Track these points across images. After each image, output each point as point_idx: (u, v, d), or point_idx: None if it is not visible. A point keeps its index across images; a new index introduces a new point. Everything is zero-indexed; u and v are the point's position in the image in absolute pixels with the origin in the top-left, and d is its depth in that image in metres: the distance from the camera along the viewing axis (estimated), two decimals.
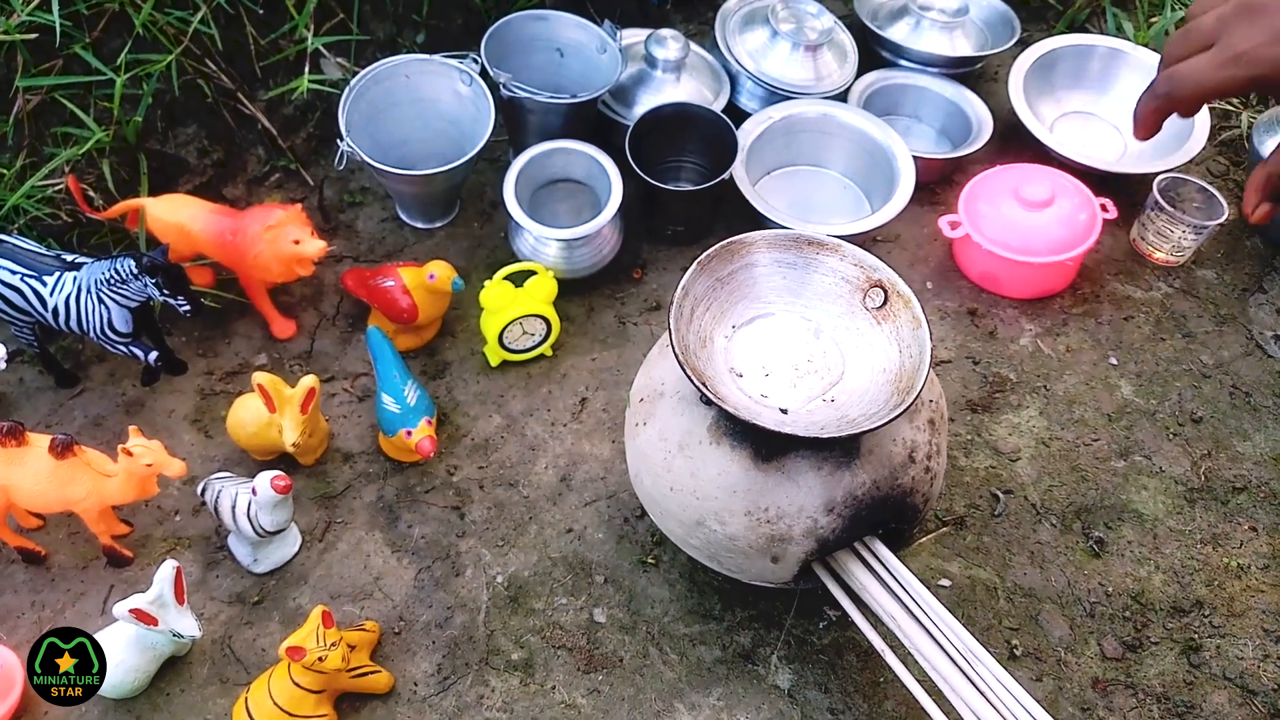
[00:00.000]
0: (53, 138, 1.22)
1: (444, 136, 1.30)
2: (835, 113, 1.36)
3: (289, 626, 0.98)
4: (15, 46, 1.16)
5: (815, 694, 0.94)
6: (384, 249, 1.32)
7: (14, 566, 1.03)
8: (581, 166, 1.27)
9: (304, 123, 1.39)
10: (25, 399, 1.16)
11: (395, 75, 1.27)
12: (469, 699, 0.94)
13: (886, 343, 0.84)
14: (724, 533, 0.83)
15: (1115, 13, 1.59)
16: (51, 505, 0.96)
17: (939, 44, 1.46)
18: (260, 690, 0.89)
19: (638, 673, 0.96)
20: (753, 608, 1.00)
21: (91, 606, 1.00)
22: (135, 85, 1.23)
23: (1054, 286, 1.29)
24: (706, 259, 0.85)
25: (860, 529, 0.83)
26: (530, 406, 1.16)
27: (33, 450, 0.94)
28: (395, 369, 1.08)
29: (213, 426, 1.14)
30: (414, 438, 1.05)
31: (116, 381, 1.18)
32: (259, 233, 1.11)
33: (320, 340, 1.23)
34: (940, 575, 1.02)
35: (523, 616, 0.99)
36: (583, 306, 1.26)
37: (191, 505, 1.07)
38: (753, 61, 1.38)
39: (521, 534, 1.05)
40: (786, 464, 0.81)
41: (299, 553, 1.04)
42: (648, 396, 0.89)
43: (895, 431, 0.83)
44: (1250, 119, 1.49)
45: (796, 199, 1.35)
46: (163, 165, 1.29)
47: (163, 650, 0.93)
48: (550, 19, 1.33)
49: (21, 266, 1.04)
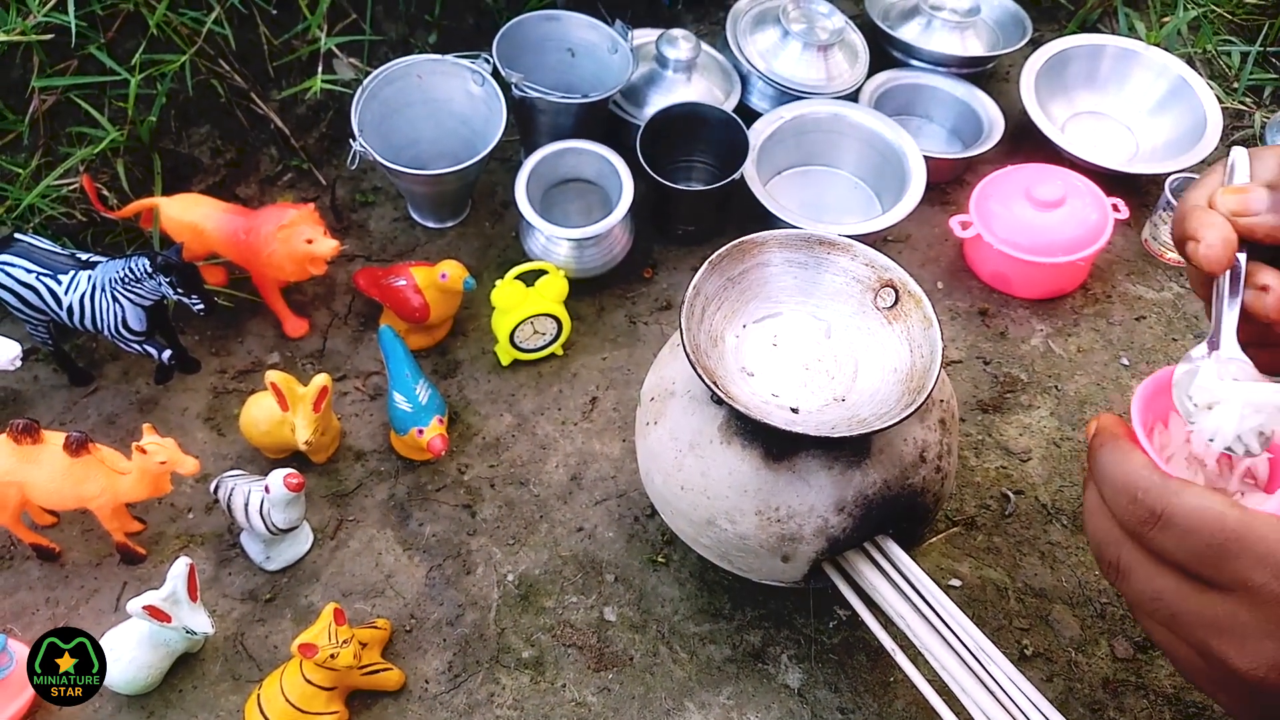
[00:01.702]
0: (68, 137, 1.23)
1: (456, 136, 1.30)
2: (846, 113, 1.36)
3: (301, 624, 0.98)
4: (32, 47, 1.17)
5: (825, 693, 0.94)
6: (396, 248, 1.32)
7: (29, 563, 1.04)
8: (593, 166, 1.28)
9: (317, 123, 1.40)
10: (40, 397, 1.17)
11: (408, 75, 1.27)
12: (480, 697, 0.94)
13: (898, 342, 0.84)
14: (734, 532, 0.83)
15: (1127, 12, 1.59)
16: (66, 502, 0.97)
17: (950, 44, 1.46)
18: (272, 687, 0.89)
19: (648, 671, 0.96)
20: (763, 607, 1.00)
21: (105, 603, 1.01)
22: (149, 85, 1.23)
23: (1065, 287, 1.28)
24: (718, 259, 0.85)
25: (871, 528, 0.83)
26: (541, 405, 1.17)
27: (47, 448, 0.95)
28: (407, 368, 1.09)
29: (226, 425, 1.14)
30: (425, 436, 1.05)
31: (130, 380, 1.18)
32: (272, 232, 1.12)
33: (332, 339, 1.23)
34: (951, 575, 1.02)
35: (533, 615, 1.00)
36: (593, 306, 1.26)
37: (204, 503, 1.08)
38: (764, 61, 1.38)
39: (532, 532, 1.06)
40: (797, 463, 0.81)
41: (311, 550, 1.04)
42: (658, 396, 0.89)
43: (906, 431, 0.83)
44: (1264, 118, 1.48)
45: (807, 199, 1.35)
46: (176, 165, 1.30)
47: (176, 647, 0.93)
48: (562, 19, 1.33)
49: (37, 265, 1.05)
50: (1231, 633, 0.50)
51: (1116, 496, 0.54)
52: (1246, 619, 0.49)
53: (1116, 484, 0.54)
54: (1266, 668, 0.49)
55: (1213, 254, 0.57)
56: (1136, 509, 0.52)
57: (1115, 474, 0.54)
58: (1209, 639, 0.50)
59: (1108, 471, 0.55)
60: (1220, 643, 0.50)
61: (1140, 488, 0.52)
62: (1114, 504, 0.54)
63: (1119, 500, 0.54)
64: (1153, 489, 0.52)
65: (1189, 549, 0.50)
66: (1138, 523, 0.52)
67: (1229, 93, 1.53)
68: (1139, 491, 0.52)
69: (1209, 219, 0.58)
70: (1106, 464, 0.55)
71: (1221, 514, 0.50)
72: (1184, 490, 0.51)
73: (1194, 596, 0.51)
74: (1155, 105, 1.46)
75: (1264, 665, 0.49)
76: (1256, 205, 0.57)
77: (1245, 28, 1.62)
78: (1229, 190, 0.58)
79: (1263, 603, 0.48)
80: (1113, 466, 0.55)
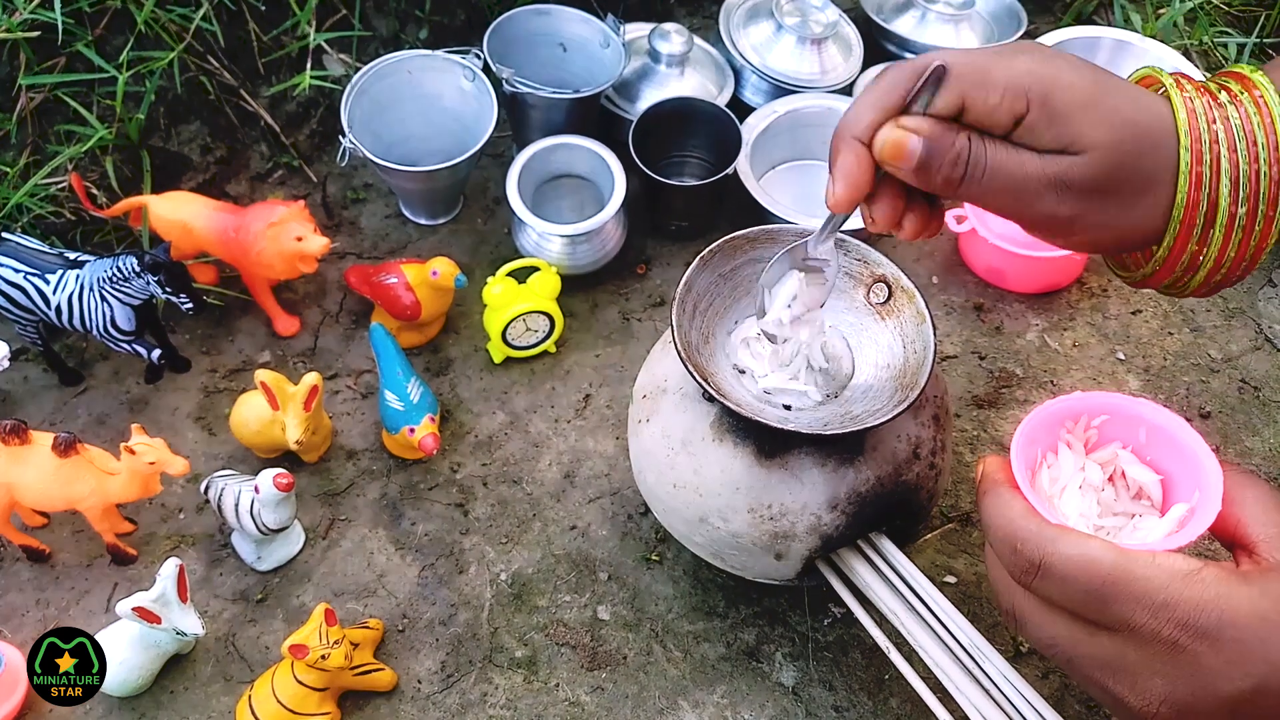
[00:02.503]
0: (56, 136, 1.22)
1: (447, 132, 1.29)
2: (840, 107, 1.35)
3: (292, 624, 0.98)
4: (18, 44, 1.16)
5: (820, 691, 0.94)
6: (387, 245, 1.32)
7: (19, 564, 1.03)
8: (585, 162, 1.27)
9: (307, 119, 1.39)
10: (30, 397, 1.16)
11: (398, 71, 1.26)
12: (473, 696, 0.94)
13: (890, 338, 0.83)
14: (727, 530, 0.83)
15: (1123, 4, 1.58)
16: (55, 503, 0.96)
17: (945, 37, 1.45)
18: (264, 688, 0.89)
19: (641, 670, 0.95)
20: (757, 605, 0.99)
21: (95, 604, 1.00)
22: (138, 82, 1.22)
23: (1061, 281, 1.28)
24: (709, 255, 0.84)
25: (864, 525, 0.83)
26: (534, 403, 1.16)
27: (36, 448, 0.94)
28: (398, 366, 1.08)
29: (216, 424, 1.14)
30: (417, 435, 1.05)
31: (120, 379, 1.18)
32: (261, 230, 1.11)
33: (324, 337, 1.23)
34: (945, 572, 1.01)
35: (526, 614, 0.99)
36: (586, 303, 1.26)
37: (195, 503, 1.07)
38: (757, 55, 1.37)
39: (525, 531, 1.05)
40: (790, 461, 0.80)
41: (302, 550, 1.04)
42: (651, 393, 0.89)
43: (899, 428, 0.82)
44: None
45: (801, 194, 1.35)
46: (166, 163, 1.29)
47: (166, 648, 0.93)
48: (553, 14, 1.33)
49: (25, 265, 1.04)
50: (1123, 672, 0.51)
51: (1000, 546, 0.55)
52: (1134, 658, 0.50)
53: (998, 534, 0.55)
54: (1159, 703, 0.50)
55: (839, 206, 0.59)
56: (1018, 559, 0.53)
57: (997, 524, 0.55)
58: (1105, 680, 0.51)
59: (991, 521, 0.56)
60: (1114, 683, 0.51)
61: (1019, 538, 0.53)
62: (1000, 553, 0.55)
63: (1003, 550, 0.55)
64: (1030, 539, 0.53)
65: (1070, 596, 0.52)
66: (1020, 573, 0.53)
67: None
68: (1018, 543, 0.53)
69: (854, 167, 0.58)
70: (989, 513, 0.56)
71: (1096, 559, 0.51)
72: (1060, 538, 0.52)
73: (1085, 641, 0.52)
74: None
75: (1155, 701, 0.50)
76: (907, 160, 0.56)
77: (1242, 19, 1.61)
78: (895, 130, 0.56)
79: (1146, 641, 0.49)
80: (994, 516, 0.56)
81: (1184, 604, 0.49)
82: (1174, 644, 0.49)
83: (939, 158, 0.56)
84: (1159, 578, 0.50)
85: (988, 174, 0.55)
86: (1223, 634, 0.48)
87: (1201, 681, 0.48)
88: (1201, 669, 0.48)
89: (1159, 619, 0.49)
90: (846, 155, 0.58)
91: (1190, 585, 0.49)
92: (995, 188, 0.56)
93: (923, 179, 0.57)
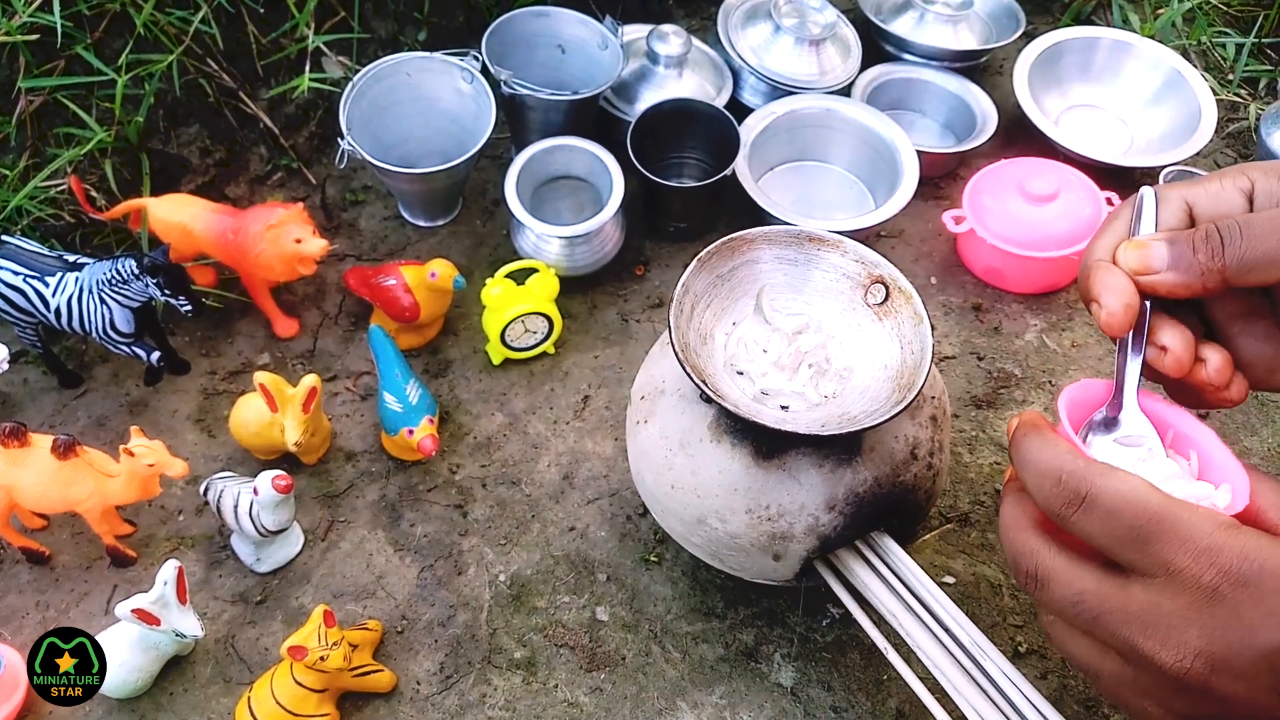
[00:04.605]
0: (55, 138, 1.23)
1: (445, 134, 1.29)
2: (838, 108, 1.35)
3: (291, 626, 0.98)
4: (17, 47, 1.16)
5: (818, 691, 0.94)
6: (386, 247, 1.32)
7: (19, 567, 1.03)
8: (583, 163, 1.27)
9: (306, 121, 1.39)
10: (29, 399, 1.16)
11: (396, 73, 1.26)
12: (471, 698, 0.94)
13: (888, 339, 0.83)
14: (725, 530, 0.83)
15: (1122, 4, 1.58)
16: (54, 506, 0.96)
17: (943, 37, 1.45)
18: (263, 689, 0.89)
19: (640, 671, 0.95)
20: (755, 606, 0.99)
21: (95, 606, 1.01)
22: (137, 85, 1.23)
23: (1059, 281, 1.28)
24: (707, 256, 0.84)
25: (862, 526, 0.83)
26: (533, 404, 1.16)
27: (35, 451, 0.94)
28: (397, 367, 1.08)
29: (216, 426, 1.14)
30: (416, 436, 1.05)
31: (120, 382, 1.18)
32: (260, 232, 1.11)
33: (323, 339, 1.23)
34: (944, 572, 1.01)
35: (525, 615, 0.99)
36: (585, 304, 1.26)
37: (195, 505, 1.08)
38: (755, 56, 1.37)
39: (524, 532, 1.05)
40: (787, 461, 0.80)
41: (301, 552, 1.04)
42: (649, 394, 0.89)
43: (897, 428, 0.82)
44: (1259, 110, 1.47)
45: (800, 195, 1.35)
46: (165, 165, 1.30)
47: (166, 650, 0.93)
48: (551, 15, 1.33)
49: (24, 267, 1.05)
50: (1156, 625, 0.49)
51: (1040, 481, 0.54)
52: (1170, 608, 0.49)
53: (1040, 469, 0.54)
54: (1193, 657, 0.48)
55: (1114, 321, 0.56)
56: (1061, 491, 0.52)
57: (1039, 459, 0.54)
58: (1134, 636, 0.50)
59: (1031, 458, 0.55)
60: (1145, 639, 0.50)
61: (1065, 470, 0.53)
62: (1037, 490, 0.54)
63: (1043, 485, 0.53)
64: (1077, 471, 0.52)
65: (1112, 532, 0.50)
66: (1062, 505, 0.52)
67: (1224, 85, 1.53)
68: (1064, 474, 0.52)
69: (1110, 280, 0.57)
70: (1030, 450, 0.55)
71: (1145, 497, 0.50)
72: (1108, 473, 0.52)
73: (1116, 594, 0.51)
74: (1150, 98, 1.45)
75: (1190, 655, 0.48)
76: (1157, 262, 0.56)
77: (1240, 19, 1.61)
78: (1131, 245, 0.57)
79: (1185, 589, 0.48)
80: (1036, 453, 0.55)
81: (1228, 550, 0.47)
82: (1214, 591, 0.47)
83: (1184, 243, 0.55)
84: (1204, 524, 0.49)
85: (1245, 236, 0.54)
86: (1264, 584, 0.46)
87: (1240, 633, 0.47)
88: (1241, 620, 0.47)
89: (1200, 563, 0.48)
90: (1099, 274, 0.57)
91: (1234, 534, 0.48)
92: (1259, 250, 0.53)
93: (1181, 271, 0.55)
